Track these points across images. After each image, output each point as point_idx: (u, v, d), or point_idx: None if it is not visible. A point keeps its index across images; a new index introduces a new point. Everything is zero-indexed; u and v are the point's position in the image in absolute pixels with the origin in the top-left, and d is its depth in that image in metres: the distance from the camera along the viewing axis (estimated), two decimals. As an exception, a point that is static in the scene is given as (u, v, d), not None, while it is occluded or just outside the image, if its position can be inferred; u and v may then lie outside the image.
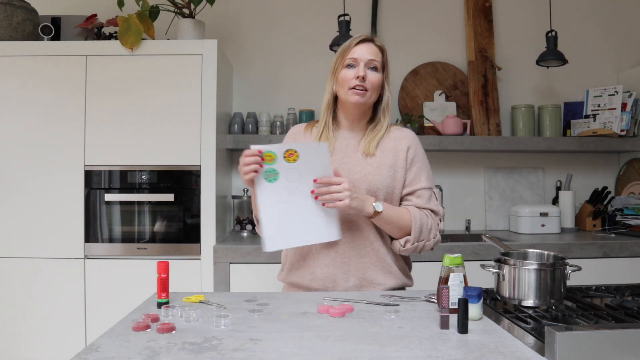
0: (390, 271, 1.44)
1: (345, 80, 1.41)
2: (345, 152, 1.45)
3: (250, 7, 2.93)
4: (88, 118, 2.32)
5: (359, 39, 1.44)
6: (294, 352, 0.93)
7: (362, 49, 1.42)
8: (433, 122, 2.83)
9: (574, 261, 1.23)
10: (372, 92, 1.42)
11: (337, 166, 1.40)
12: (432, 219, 1.44)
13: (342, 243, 1.40)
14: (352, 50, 1.42)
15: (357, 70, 1.40)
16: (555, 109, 2.88)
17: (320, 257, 1.42)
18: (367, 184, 1.40)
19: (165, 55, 2.34)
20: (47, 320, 2.29)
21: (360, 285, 1.41)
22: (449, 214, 2.94)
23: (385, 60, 1.47)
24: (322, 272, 1.41)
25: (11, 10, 2.35)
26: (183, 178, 2.34)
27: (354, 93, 1.40)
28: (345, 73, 1.42)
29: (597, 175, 3.04)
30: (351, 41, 1.44)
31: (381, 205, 1.35)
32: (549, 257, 1.27)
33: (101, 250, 2.32)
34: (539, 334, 0.98)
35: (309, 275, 1.43)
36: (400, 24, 2.98)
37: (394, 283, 1.44)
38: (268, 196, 1.31)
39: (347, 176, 1.37)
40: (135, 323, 1.07)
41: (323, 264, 1.41)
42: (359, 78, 1.39)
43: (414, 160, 1.46)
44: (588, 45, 3.04)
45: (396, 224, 1.38)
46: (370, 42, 1.45)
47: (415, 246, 1.41)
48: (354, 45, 1.43)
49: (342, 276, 1.41)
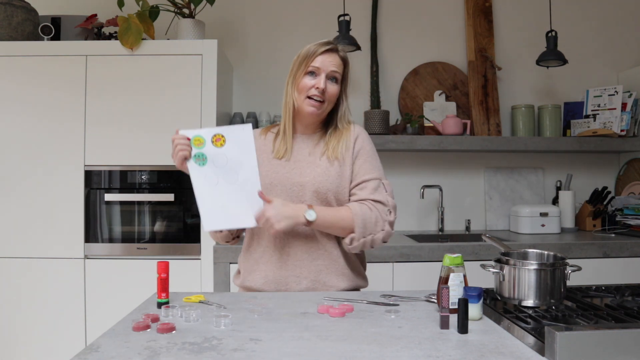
0: (343, 273, 1.44)
1: (305, 89, 1.40)
2: (297, 156, 1.45)
3: (250, 7, 2.93)
4: (88, 118, 2.32)
5: (325, 47, 1.41)
6: (294, 352, 0.93)
7: (325, 58, 1.40)
8: (433, 122, 2.83)
9: (574, 261, 1.23)
10: (328, 104, 1.43)
11: (288, 170, 1.42)
12: (378, 211, 1.38)
13: (294, 246, 1.41)
14: (316, 59, 1.40)
15: (318, 81, 1.39)
16: (555, 109, 2.88)
17: (273, 260, 1.42)
18: (316, 186, 1.40)
19: (165, 55, 2.34)
20: (47, 320, 2.29)
21: (313, 288, 1.41)
22: (449, 214, 2.94)
23: (347, 72, 1.46)
24: (275, 275, 1.41)
25: (11, 10, 2.35)
26: (183, 178, 2.34)
27: (310, 104, 1.40)
28: (305, 81, 1.40)
29: (597, 175, 3.04)
30: (316, 48, 1.40)
31: (314, 213, 1.33)
32: (549, 257, 1.27)
33: (101, 250, 2.32)
34: (539, 334, 0.98)
35: (261, 279, 1.42)
36: (400, 24, 2.98)
37: (347, 285, 1.44)
38: (199, 179, 1.34)
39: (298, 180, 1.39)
40: (135, 323, 1.07)
41: (275, 267, 1.41)
42: (319, 89, 1.38)
43: (359, 153, 1.46)
44: (588, 45, 3.04)
45: (336, 225, 1.37)
46: (335, 53, 1.42)
47: (362, 242, 1.37)
48: (319, 53, 1.40)
49: (294, 279, 1.41)
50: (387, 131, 2.74)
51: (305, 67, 1.40)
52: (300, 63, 1.41)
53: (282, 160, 1.44)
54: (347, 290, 1.44)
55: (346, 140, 1.46)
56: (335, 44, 1.43)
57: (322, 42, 1.42)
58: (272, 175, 1.42)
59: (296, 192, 1.41)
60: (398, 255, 2.28)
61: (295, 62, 1.43)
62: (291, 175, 1.42)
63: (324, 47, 1.40)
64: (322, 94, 1.40)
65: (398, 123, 2.86)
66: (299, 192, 1.41)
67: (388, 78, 2.96)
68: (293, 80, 1.43)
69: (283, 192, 1.41)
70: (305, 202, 1.40)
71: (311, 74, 1.40)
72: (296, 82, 1.42)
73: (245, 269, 1.48)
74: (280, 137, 1.47)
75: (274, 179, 1.41)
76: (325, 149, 1.44)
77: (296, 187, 1.41)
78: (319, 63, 1.40)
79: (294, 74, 1.43)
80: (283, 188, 1.41)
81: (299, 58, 1.42)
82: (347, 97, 1.49)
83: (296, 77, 1.42)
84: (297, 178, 1.41)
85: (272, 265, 1.42)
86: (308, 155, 1.45)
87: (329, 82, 1.41)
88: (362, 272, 1.53)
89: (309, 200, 1.40)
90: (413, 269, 2.30)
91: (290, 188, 1.41)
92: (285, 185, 1.41)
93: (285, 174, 1.42)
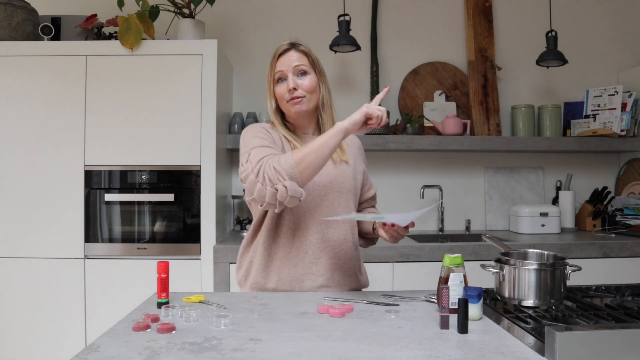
0: (355, 272, 1.48)
1: (281, 95, 1.41)
2: None
3: (250, 7, 2.93)
4: (88, 118, 2.32)
5: (280, 50, 1.42)
6: (294, 352, 0.93)
7: (284, 60, 1.41)
8: (433, 122, 2.83)
9: (574, 261, 1.23)
10: (310, 96, 1.42)
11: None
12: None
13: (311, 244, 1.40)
14: (277, 65, 1.41)
15: (287, 83, 1.39)
16: (555, 109, 2.88)
17: (290, 257, 1.41)
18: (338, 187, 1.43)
19: (165, 55, 2.34)
20: (47, 320, 2.29)
21: (327, 286, 1.42)
22: (450, 214, 2.94)
23: (313, 60, 1.44)
24: (290, 273, 1.41)
25: (11, 10, 2.35)
26: (183, 178, 2.34)
27: (292, 104, 1.41)
28: (278, 89, 1.41)
29: (597, 175, 3.04)
30: (274, 55, 1.42)
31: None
32: (549, 257, 1.27)
33: (101, 250, 2.32)
34: (539, 334, 0.98)
35: (275, 277, 1.41)
36: (400, 24, 2.98)
37: (356, 284, 1.49)
38: None
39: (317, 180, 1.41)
40: (135, 323, 1.07)
41: (291, 265, 1.41)
42: (290, 91, 1.39)
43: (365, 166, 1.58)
44: (588, 45, 3.04)
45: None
46: (292, 50, 1.42)
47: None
48: (277, 58, 1.41)
49: (311, 277, 1.41)
50: (387, 131, 2.74)
51: (272, 77, 1.42)
52: (268, 75, 1.44)
53: None
54: (354, 289, 1.47)
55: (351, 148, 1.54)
56: (294, 42, 1.43)
57: (284, 43, 1.43)
58: None
59: (317, 191, 1.41)
60: (398, 255, 2.28)
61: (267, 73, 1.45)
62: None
63: (281, 48, 1.42)
64: (296, 92, 1.40)
65: (398, 123, 2.86)
66: (320, 191, 1.42)
67: (388, 78, 2.96)
68: (270, 95, 1.45)
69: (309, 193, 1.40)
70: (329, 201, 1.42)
71: (280, 80, 1.42)
72: (273, 93, 1.44)
73: (255, 268, 1.44)
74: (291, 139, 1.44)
75: None
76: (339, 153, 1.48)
77: (318, 187, 1.41)
78: (280, 66, 1.41)
79: (268, 88, 1.45)
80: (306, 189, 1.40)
81: (268, 68, 1.44)
82: (324, 82, 1.46)
83: (270, 90, 1.44)
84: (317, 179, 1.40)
85: (289, 263, 1.41)
86: None
87: (298, 77, 1.41)
88: (364, 270, 1.56)
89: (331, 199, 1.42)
90: (413, 269, 2.30)
91: (311, 187, 1.40)
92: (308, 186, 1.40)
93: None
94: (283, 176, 1.22)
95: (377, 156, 2.90)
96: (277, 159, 1.26)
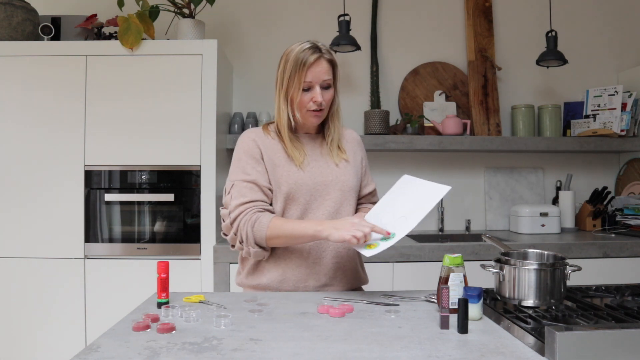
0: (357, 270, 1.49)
1: (303, 105, 1.40)
2: (311, 156, 1.46)
3: (250, 7, 2.93)
4: (88, 118, 2.32)
5: (313, 57, 1.36)
6: (294, 352, 0.93)
7: (315, 69, 1.37)
8: (433, 122, 2.83)
9: (574, 261, 1.23)
10: (327, 109, 1.44)
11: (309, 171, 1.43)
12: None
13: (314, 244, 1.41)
14: (307, 74, 1.37)
15: (314, 95, 1.38)
16: (555, 109, 2.88)
17: (293, 257, 1.41)
18: (340, 185, 1.44)
19: (165, 55, 2.34)
20: (47, 320, 2.29)
21: (329, 285, 1.43)
22: (450, 214, 2.94)
23: (336, 72, 1.44)
24: (294, 272, 1.41)
25: (11, 10, 2.35)
26: (183, 178, 2.34)
27: (311, 115, 1.41)
28: (302, 98, 1.39)
29: (597, 175, 3.04)
30: (304, 57, 1.36)
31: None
32: (549, 257, 1.27)
33: (101, 250, 2.32)
34: (539, 334, 0.98)
35: (279, 276, 1.41)
36: (400, 24, 2.98)
37: (358, 283, 1.50)
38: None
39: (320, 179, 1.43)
40: (135, 323, 1.07)
41: (295, 265, 1.41)
42: (317, 102, 1.38)
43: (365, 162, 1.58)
44: (588, 45, 3.04)
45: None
46: (322, 59, 1.38)
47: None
48: (309, 66, 1.36)
49: (314, 276, 1.41)
50: (387, 131, 2.74)
51: (300, 83, 1.37)
52: (291, 78, 1.38)
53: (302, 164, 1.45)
54: (357, 287, 1.48)
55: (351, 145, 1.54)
56: (320, 48, 1.40)
57: (307, 48, 1.38)
58: (296, 176, 1.41)
59: (320, 191, 1.42)
60: (398, 255, 2.28)
61: (283, 74, 1.40)
62: (313, 175, 1.43)
63: (312, 57, 1.37)
64: (321, 105, 1.40)
65: (398, 123, 2.86)
66: (322, 191, 1.43)
67: (388, 78, 2.96)
68: (285, 95, 1.41)
69: (307, 193, 1.41)
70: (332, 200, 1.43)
71: (306, 90, 1.39)
72: (291, 98, 1.40)
73: (259, 269, 1.44)
74: (289, 145, 1.43)
75: (298, 179, 1.41)
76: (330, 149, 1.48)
77: (320, 186, 1.42)
78: (310, 77, 1.37)
79: (285, 88, 1.40)
80: (307, 188, 1.42)
81: (287, 71, 1.39)
82: (337, 92, 1.48)
83: (288, 92, 1.40)
84: (320, 178, 1.43)
85: (292, 263, 1.41)
86: (320, 156, 1.47)
87: (324, 90, 1.40)
88: (364, 267, 1.57)
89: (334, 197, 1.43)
90: (413, 269, 2.30)
91: (314, 187, 1.42)
92: (309, 185, 1.42)
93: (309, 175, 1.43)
94: (251, 243, 1.35)
95: (377, 156, 2.90)
96: (252, 221, 1.34)
